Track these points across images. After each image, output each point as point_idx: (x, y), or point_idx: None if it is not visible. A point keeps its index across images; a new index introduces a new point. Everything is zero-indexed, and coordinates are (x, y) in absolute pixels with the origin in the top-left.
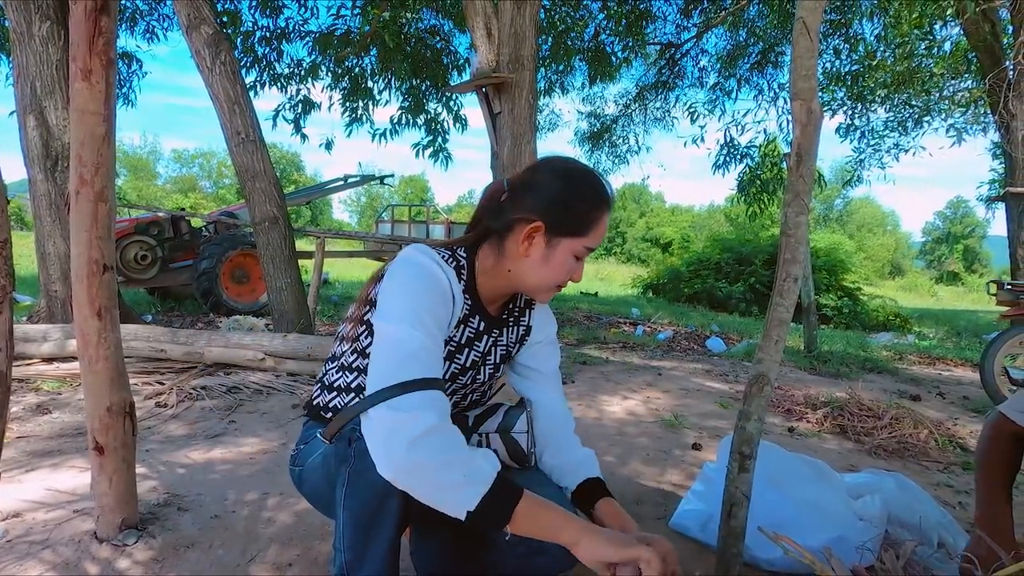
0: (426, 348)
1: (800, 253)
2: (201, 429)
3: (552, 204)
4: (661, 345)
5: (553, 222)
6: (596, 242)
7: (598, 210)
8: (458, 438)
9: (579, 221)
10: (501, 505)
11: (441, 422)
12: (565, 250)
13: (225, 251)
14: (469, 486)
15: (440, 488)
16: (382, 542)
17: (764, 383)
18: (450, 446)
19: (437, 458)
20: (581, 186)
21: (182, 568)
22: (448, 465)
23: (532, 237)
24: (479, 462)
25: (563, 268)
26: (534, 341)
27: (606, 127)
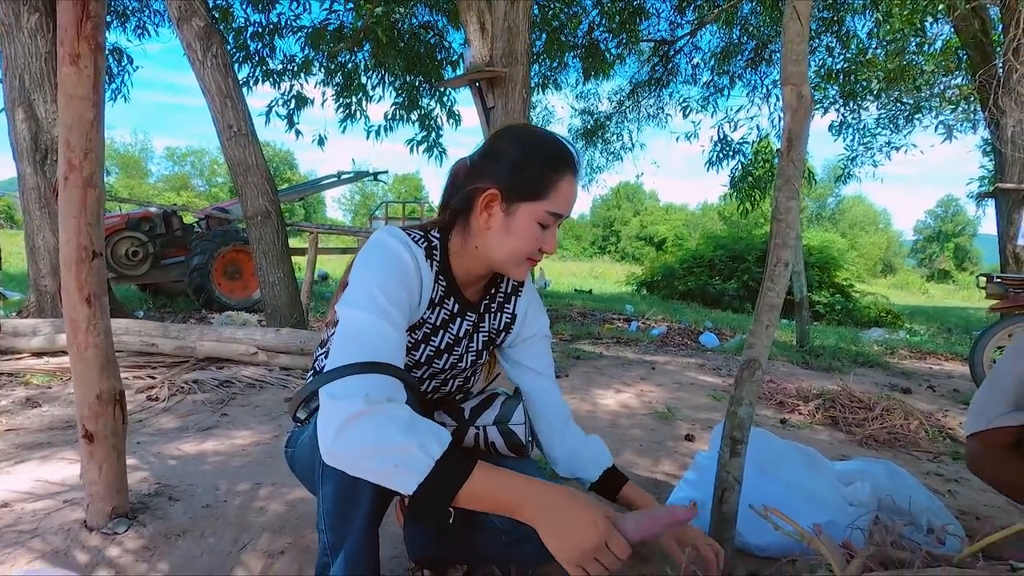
0: (377, 330)
1: (790, 238)
2: (193, 422)
3: (507, 169)
4: (655, 341)
5: (508, 187)
6: (560, 207)
7: (556, 172)
8: (390, 423)
9: (535, 184)
10: (443, 488)
11: (367, 407)
12: (525, 217)
13: (217, 247)
14: (401, 474)
15: (373, 474)
16: (359, 520)
17: (755, 368)
18: (377, 433)
19: (361, 446)
20: (537, 148)
21: (173, 556)
22: (375, 453)
23: (490, 207)
24: (414, 451)
25: (527, 237)
26: (526, 336)
27: (600, 124)
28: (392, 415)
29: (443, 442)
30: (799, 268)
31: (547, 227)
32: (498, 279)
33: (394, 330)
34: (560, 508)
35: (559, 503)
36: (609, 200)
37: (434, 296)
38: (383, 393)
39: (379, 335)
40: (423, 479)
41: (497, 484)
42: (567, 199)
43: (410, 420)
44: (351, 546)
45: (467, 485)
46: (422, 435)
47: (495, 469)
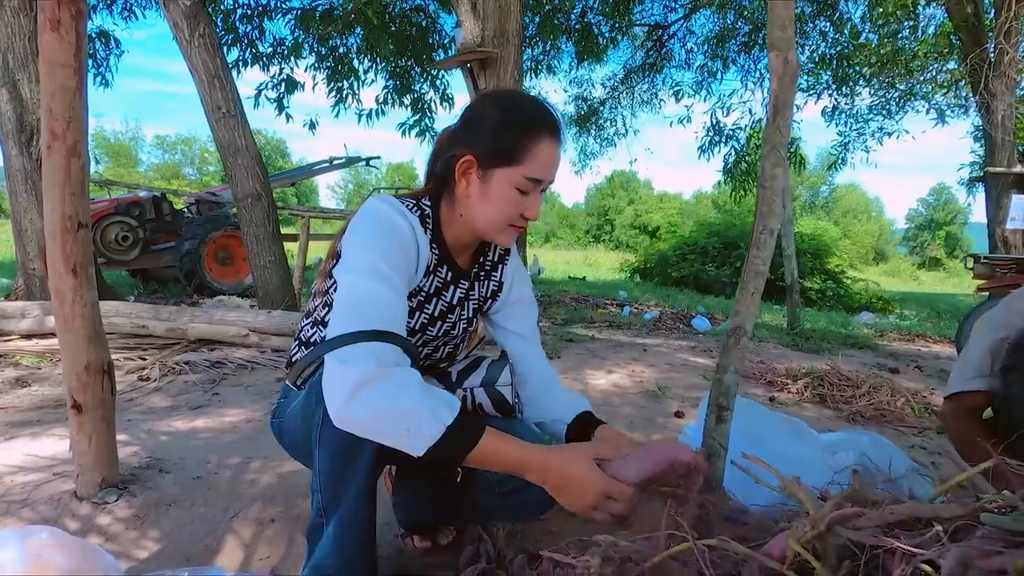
0: (381, 297)
1: (776, 205)
2: (184, 401)
3: (482, 134)
4: (647, 325)
5: (483, 153)
6: (538, 172)
7: (531, 136)
8: (400, 387)
9: (510, 148)
10: (452, 452)
11: (380, 371)
12: (502, 182)
13: (208, 232)
14: (412, 438)
15: (385, 436)
16: (357, 481)
17: (741, 335)
18: (389, 396)
19: (374, 409)
20: (513, 112)
21: (164, 524)
22: (388, 416)
23: (467, 174)
24: (425, 416)
25: (506, 203)
26: (510, 301)
27: (593, 110)
28: (404, 379)
29: (454, 409)
30: (790, 252)
31: (527, 193)
32: (486, 247)
33: (397, 297)
34: (560, 470)
35: (558, 466)
36: (603, 188)
37: (429, 264)
38: (392, 358)
39: (383, 302)
40: (433, 443)
41: (502, 450)
42: (545, 164)
43: (421, 385)
44: (347, 508)
45: (475, 450)
46: (434, 400)
47: (501, 436)
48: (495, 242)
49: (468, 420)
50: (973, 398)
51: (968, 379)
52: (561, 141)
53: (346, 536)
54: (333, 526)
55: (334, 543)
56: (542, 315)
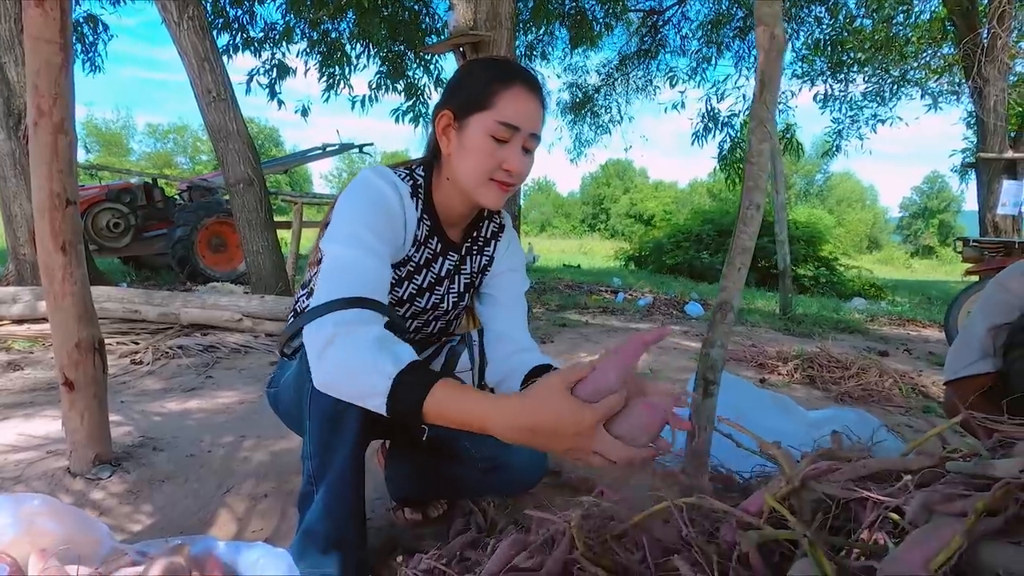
0: (362, 265)
1: (762, 180)
2: (177, 383)
3: (455, 87)
4: (641, 310)
5: (457, 104)
6: (510, 117)
7: (501, 81)
8: (353, 345)
9: (480, 94)
10: (408, 407)
11: (337, 330)
12: (476, 131)
13: (200, 218)
14: (374, 396)
15: (351, 395)
16: (344, 449)
17: (728, 310)
18: (344, 355)
19: (335, 369)
20: (484, 62)
21: (157, 499)
22: (345, 375)
23: (448, 129)
24: (372, 372)
25: (481, 152)
26: (497, 271)
27: (588, 97)
28: (358, 336)
29: (400, 361)
30: (783, 238)
31: (504, 142)
32: (479, 222)
33: (379, 263)
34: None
35: (526, 423)
36: (599, 177)
37: (419, 235)
38: (356, 319)
39: (363, 270)
40: (387, 398)
41: (457, 400)
42: (517, 109)
43: (375, 340)
44: (335, 475)
45: (429, 401)
46: (381, 355)
47: (457, 386)
48: (480, 202)
49: (418, 371)
50: (979, 381)
51: (972, 363)
52: (539, 96)
53: (334, 502)
54: (322, 493)
55: (323, 509)
56: (536, 301)
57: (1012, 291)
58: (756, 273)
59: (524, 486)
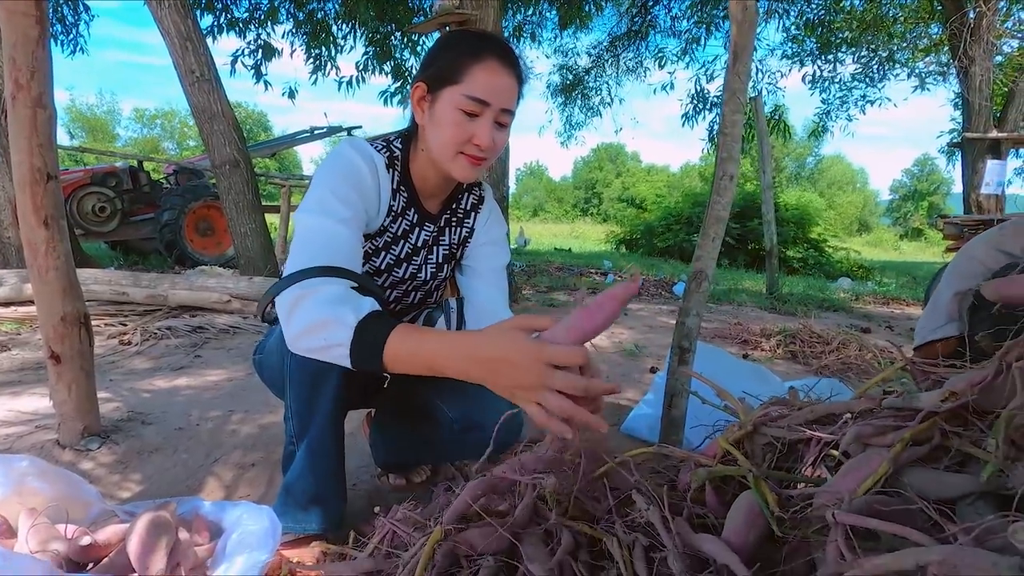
0: (326, 233)
1: (736, 151)
2: (166, 363)
3: (429, 59)
4: None
5: (430, 76)
6: (479, 91)
7: (472, 55)
8: (315, 302)
9: (451, 68)
10: (370, 355)
11: (302, 291)
12: (446, 104)
13: (188, 202)
14: (337, 347)
15: (317, 352)
16: (325, 407)
17: (702, 279)
18: (308, 312)
19: (301, 327)
20: (457, 36)
21: (146, 469)
22: (310, 332)
23: (421, 102)
24: (334, 324)
25: (451, 124)
26: (477, 243)
27: (578, 79)
28: (320, 294)
29: (360, 311)
30: (770, 218)
31: (475, 116)
32: (458, 194)
33: (344, 228)
34: (485, 350)
35: (481, 346)
36: (591, 161)
37: (395, 206)
38: (320, 281)
39: (331, 239)
40: (349, 349)
41: (415, 341)
42: (487, 84)
43: (337, 296)
44: (315, 434)
45: (388, 346)
46: (342, 307)
47: (415, 328)
48: (453, 175)
49: (377, 320)
50: (946, 345)
51: (939, 327)
52: (513, 70)
53: (315, 460)
54: (303, 451)
55: (304, 467)
56: (526, 284)
57: (977, 259)
58: (746, 255)
59: (502, 446)
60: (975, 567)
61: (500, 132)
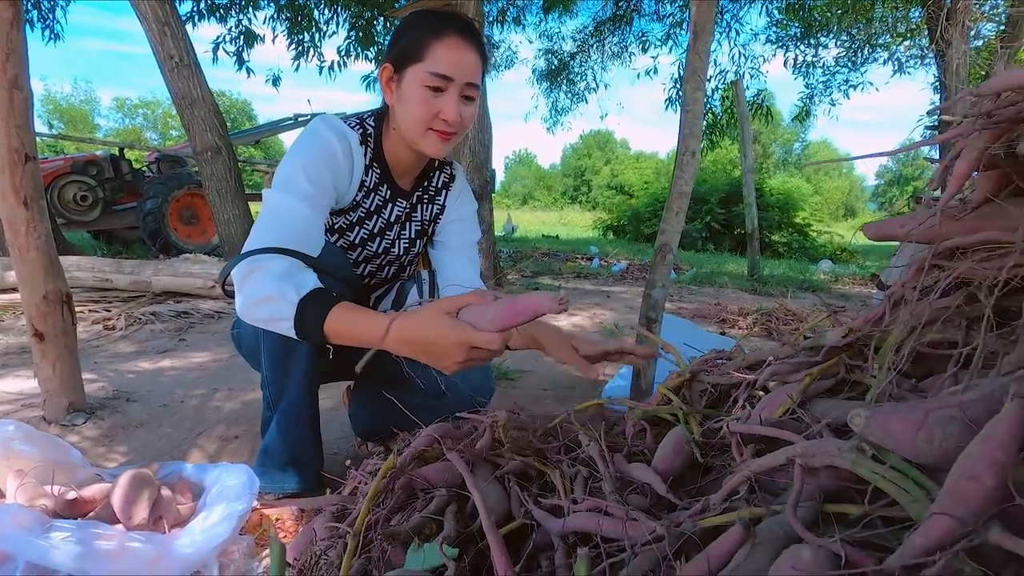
0: (290, 212)
1: (697, 128)
2: (151, 347)
3: (394, 39)
4: (615, 275)
5: (395, 56)
6: (441, 67)
7: (434, 32)
8: (262, 277)
9: (414, 46)
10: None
11: (251, 267)
12: (412, 82)
13: (171, 191)
14: (283, 320)
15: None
16: (299, 371)
17: (667, 251)
18: (255, 287)
19: (249, 300)
20: (421, 15)
21: (131, 442)
22: (257, 305)
23: (390, 82)
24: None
25: (418, 102)
26: (447, 220)
27: (563, 64)
28: (267, 269)
29: (302, 288)
30: (750, 201)
31: (440, 92)
32: (430, 172)
33: (305, 207)
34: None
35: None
36: (580, 149)
37: (368, 183)
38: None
39: (292, 219)
40: (293, 322)
41: (353, 320)
42: (450, 60)
43: (282, 272)
44: (290, 396)
45: (328, 322)
46: (286, 283)
47: (354, 308)
48: (424, 151)
49: (319, 297)
50: None
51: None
52: (474, 45)
53: (291, 422)
54: (279, 414)
55: (280, 429)
56: (511, 268)
57: None
58: (731, 240)
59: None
60: (825, 452)
61: (467, 106)
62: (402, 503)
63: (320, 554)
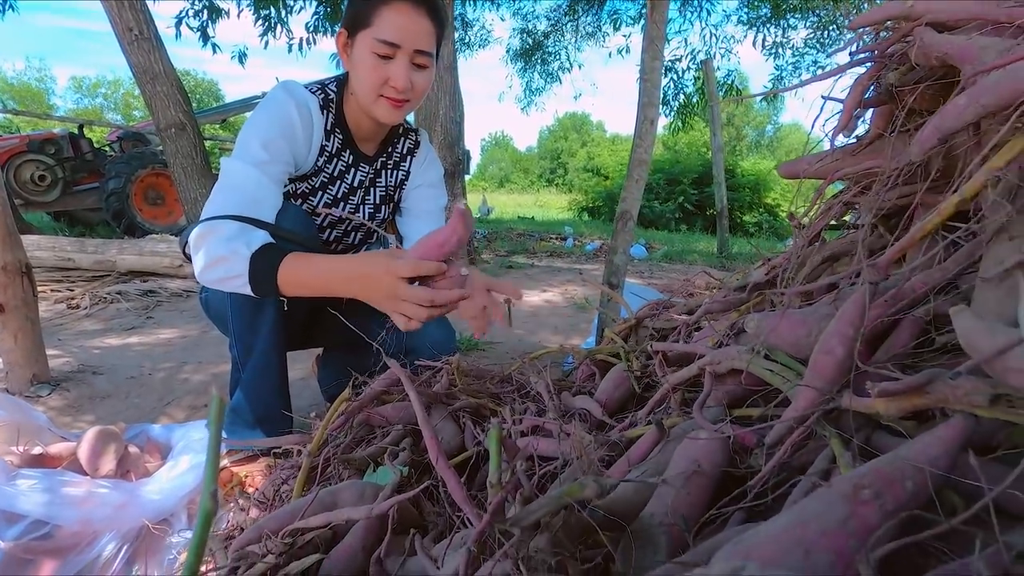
0: (247, 181)
1: (655, 97)
2: (117, 324)
3: (348, 5)
4: (588, 254)
5: (348, 22)
6: (387, 33)
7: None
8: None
9: (364, 12)
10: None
11: (203, 230)
12: (361, 48)
13: (134, 170)
14: (238, 278)
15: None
16: (266, 329)
17: (627, 219)
18: (209, 249)
19: (204, 262)
20: None
21: (98, 412)
22: (212, 266)
23: (345, 48)
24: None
25: (367, 68)
26: (413, 186)
27: (538, 43)
28: (218, 233)
29: (252, 244)
30: (720, 180)
31: (389, 59)
32: (394, 138)
33: (261, 174)
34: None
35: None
36: (556, 131)
37: (329, 148)
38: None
39: (245, 182)
40: (248, 278)
41: (303, 266)
42: (397, 25)
43: (232, 234)
44: (258, 354)
45: (280, 273)
46: (236, 242)
47: (303, 256)
48: (378, 117)
49: (269, 250)
50: None
51: None
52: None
53: (259, 380)
54: (247, 372)
55: (249, 387)
56: (486, 248)
57: None
58: (704, 220)
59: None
60: (728, 356)
61: (419, 74)
62: (361, 438)
63: (281, 483)
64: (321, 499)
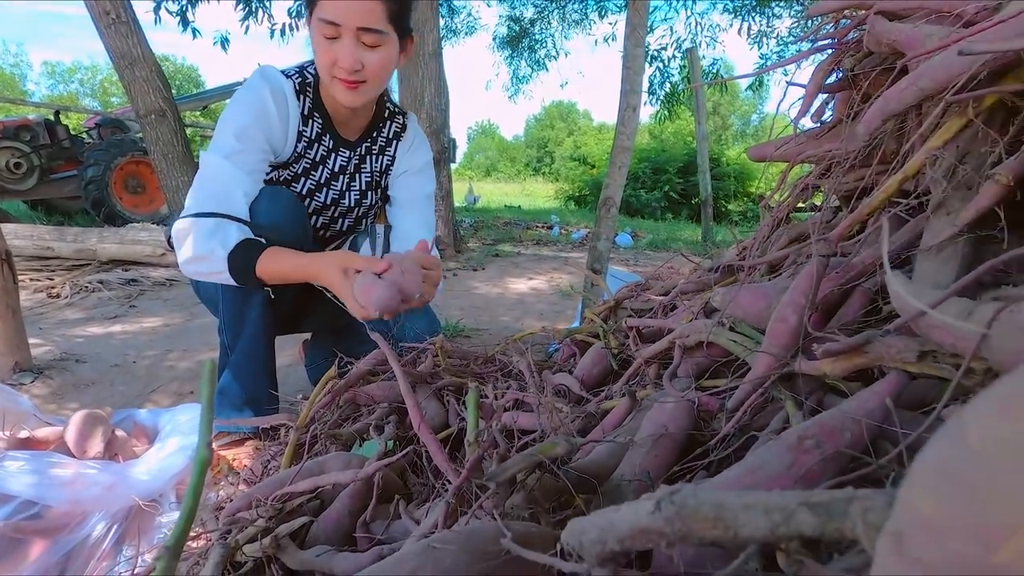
0: (223, 175)
1: (638, 84)
2: (99, 313)
3: None
4: (574, 243)
5: (306, 5)
6: (327, 12)
7: None
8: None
9: None
10: (246, 274)
11: (184, 224)
12: (313, 30)
13: (113, 157)
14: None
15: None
16: (254, 314)
17: (611, 205)
18: (190, 244)
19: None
20: None
21: (83, 399)
22: (194, 260)
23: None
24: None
25: (319, 50)
26: (398, 172)
27: (524, 30)
28: (196, 231)
29: (227, 242)
30: (704, 168)
31: (335, 39)
32: (380, 122)
33: (233, 166)
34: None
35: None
36: (543, 120)
37: (308, 133)
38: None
39: (219, 175)
40: (228, 272)
41: (277, 261)
42: (335, 4)
43: (208, 231)
44: (247, 337)
45: (258, 266)
46: (213, 241)
47: (278, 250)
48: (339, 99)
49: (247, 244)
50: None
51: None
52: None
53: (247, 363)
54: (235, 356)
55: (237, 371)
56: (472, 236)
57: None
58: (689, 209)
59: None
60: (696, 329)
61: (370, 53)
62: (347, 416)
63: (269, 459)
64: (308, 468)
